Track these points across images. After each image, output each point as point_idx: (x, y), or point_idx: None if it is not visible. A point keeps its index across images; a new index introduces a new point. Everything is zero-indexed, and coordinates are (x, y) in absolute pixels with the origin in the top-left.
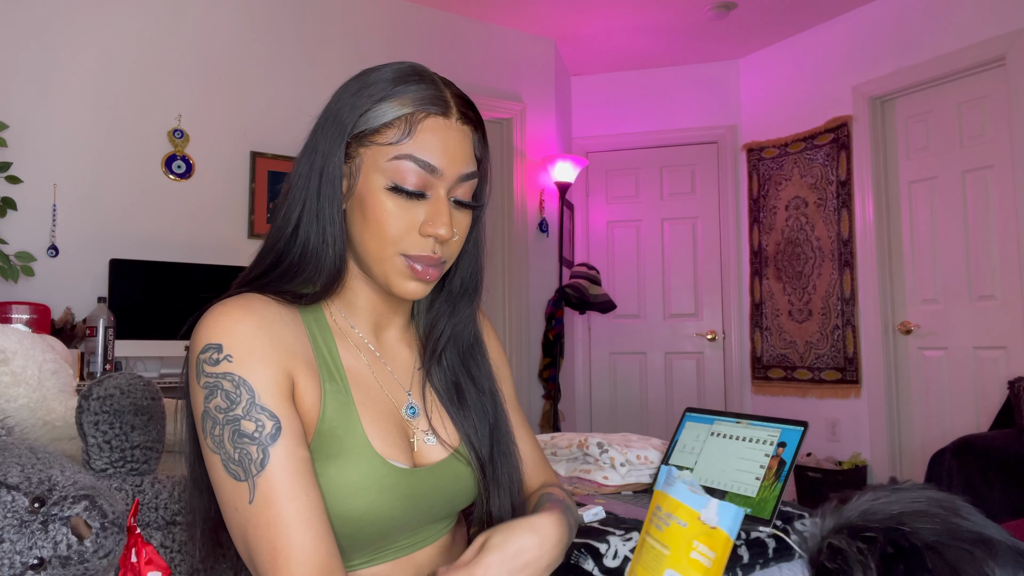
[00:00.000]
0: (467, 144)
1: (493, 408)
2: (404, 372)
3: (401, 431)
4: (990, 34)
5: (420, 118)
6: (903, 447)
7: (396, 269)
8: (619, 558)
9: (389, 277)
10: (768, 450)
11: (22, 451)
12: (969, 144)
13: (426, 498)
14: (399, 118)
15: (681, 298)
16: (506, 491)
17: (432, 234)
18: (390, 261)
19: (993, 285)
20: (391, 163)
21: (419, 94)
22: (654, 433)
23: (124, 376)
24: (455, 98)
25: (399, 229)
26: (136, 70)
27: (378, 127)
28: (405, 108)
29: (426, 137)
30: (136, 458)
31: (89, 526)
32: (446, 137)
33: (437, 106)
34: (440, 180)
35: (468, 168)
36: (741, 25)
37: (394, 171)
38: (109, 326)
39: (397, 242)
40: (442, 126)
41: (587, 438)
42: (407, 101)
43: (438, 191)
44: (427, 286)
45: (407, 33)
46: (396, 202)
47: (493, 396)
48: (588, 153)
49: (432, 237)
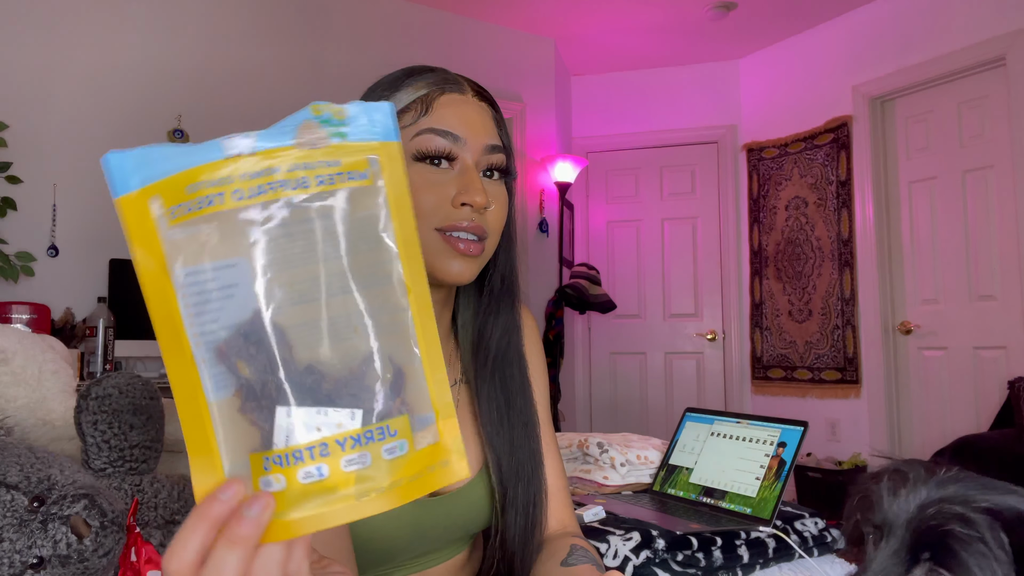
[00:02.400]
0: (487, 118)
1: (528, 430)
2: None
3: None
4: (990, 34)
5: (435, 95)
6: (903, 447)
7: (437, 249)
8: (619, 558)
9: (432, 262)
10: (768, 450)
11: (21, 451)
12: (969, 144)
13: (436, 526)
14: (414, 101)
15: (681, 298)
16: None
17: (468, 202)
18: (427, 240)
19: (993, 285)
20: (412, 141)
21: (432, 78)
22: (654, 433)
23: (122, 376)
24: (468, 80)
25: (431, 202)
26: (136, 70)
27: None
28: (420, 91)
29: (444, 111)
30: (135, 457)
31: (88, 525)
32: (464, 110)
33: (451, 84)
34: (464, 150)
35: (492, 140)
36: (741, 25)
37: (417, 144)
38: (109, 326)
39: (430, 217)
40: (458, 100)
41: (587, 438)
42: (420, 86)
43: (465, 161)
44: (471, 263)
45: (407, 33)
46: (423, 174)
47: (530, 416)
48: (588, 153)
49: (468, 206)
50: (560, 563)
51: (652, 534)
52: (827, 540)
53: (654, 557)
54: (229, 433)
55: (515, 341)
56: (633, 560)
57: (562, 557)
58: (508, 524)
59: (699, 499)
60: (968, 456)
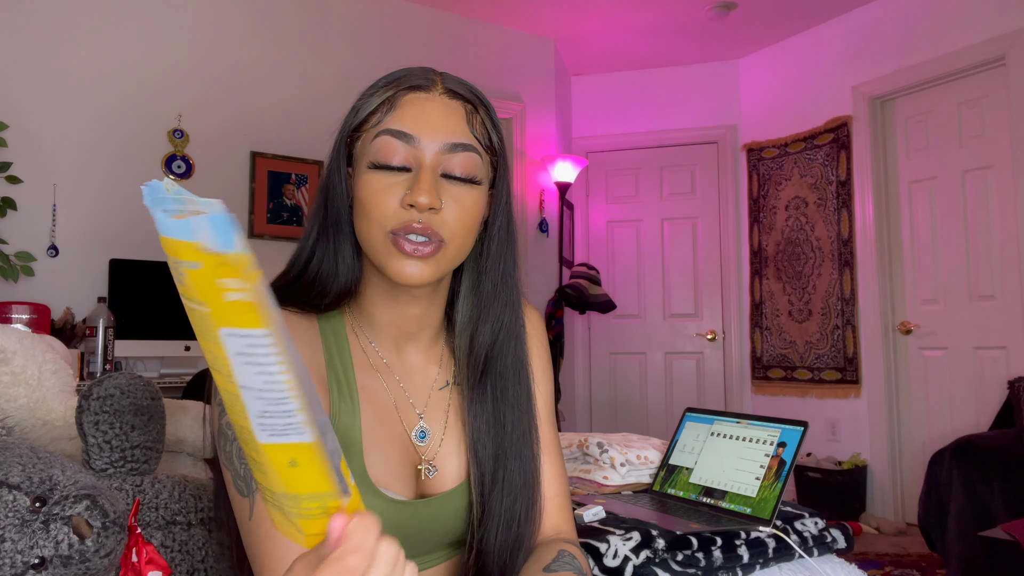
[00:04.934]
0: (452, 115)
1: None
2: (420, 392)
3: (407, 458)
4: (990, 34)
5: (400, 95)
6: (903, 447)
7: (387, 250)
8: (619, 558)
9: (383, 262)
10: (768, 450)
11: (23, 451)
12: (969, 144)
13: (424, 529)
14: (383, 102)
15: (681, 298)
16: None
17: (412, 202)
18: (381, 244)
19: (993, 285)
20: (372, 143)
21: (405, 77)
22: (654, 433)
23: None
24: (447, 79)
25: (383, 207)
26: (136, 70)
27: (365, 116)
28: (387, 92)
29: (404, 110)
30: (136, 458)
31: (90, 525)
32: (424, 108)
33: (419, 82)
34: (419, 150)
35: (454, 139)
36: (741, 25)
37: (375, 149)
38: (109, 326)
39: (382, 220)
40: (422, 98)
41: (587, 438)
42: (392, 86)
43: (421, 161)
44: (423, 266)
45: (407, 33)
46: (378, 179)
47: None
48: (588, 153)
49: (414, 207)
50: (543, 568)
51: (652, 534)
52: (827, 540)
53: (654, 557)
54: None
55: (511, 349)
56: (633, 560)
57: (546, 562)
58: (488, 537)
59: (699, 499)
60: (968, 456)
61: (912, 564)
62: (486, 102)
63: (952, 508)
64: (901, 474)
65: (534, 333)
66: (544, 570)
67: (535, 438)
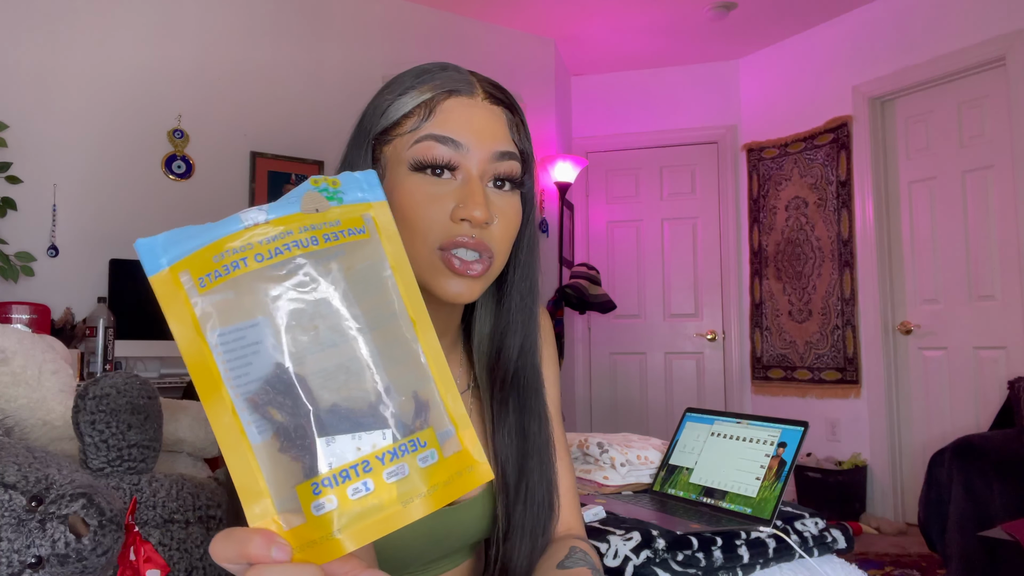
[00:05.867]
0: (498, 123)
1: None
2: None
3: None
4: (990, 34)
5: (440, 99)
6: (903, 447)
7: (434, 269)
8: (619, 558)
9: (428, 278)
10: (768, 450)
11: (19, 450)
12: (969, 144)
13: (449, 535)
14: (419, 105)
15: (681, 298)
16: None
17: (466, 217)
18: (427, 259)
19: (993, 285)
20: (412, 148)
21: (441, 79)
22: (654, 433)
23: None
24: (482, 81)
25: (429, 217)
26: (136, 70)
27: (398, 119)
28: (425, 95)
29: (447, 116)
30: (133, 457)
31: (87, 524)
32: (470, 114)
33: (459, 86)
34: (467, 158)
35: (501, 147)
36: (741, 25)
37: (416, 153)
38: (109, 326)
39: (428, 233)
40: (465, 104)
41: (587, 438)
42: (427, 88)
43: (468, 171)
44: (473, 284)
45: (407, 33)
46: (421, 186)
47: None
48: (588, 153)
49: (467, 221)
50: (556, 565)
51: (652, 534)
52: (827, 540)
53: (654, 557)
54: (273, 472)
55: (532, 360)
56: (633, 560)
57: (559, 559)
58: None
59: (699, 499)
60: (968, 456)
61: (912, 564)
62: (519, 107)
63: (952, 508)
64: (901, 474)
65: (544, 334)
66: (558, 567)
67: (554, 445)
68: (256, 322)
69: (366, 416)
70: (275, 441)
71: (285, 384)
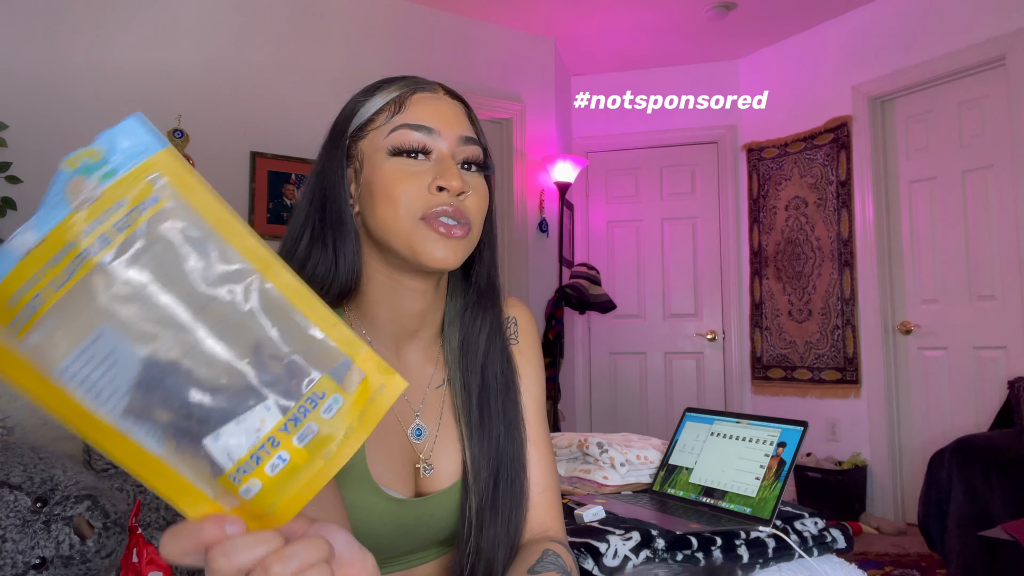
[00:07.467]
0: (460, 113)
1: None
2: (417, 390)
3: (406, 456)
4: (990, 34)
5: (407, 95)
6: (903, 447)
7: (419, 236)
8: (619, 558)
9: (415, 248)
10: (768, 450)
11: (24, 451)
12: (969, 144)
13: (422, 526)
14: (389, 102)
15: (681, 298)
16: (502, 532)
17: (445, 186)
18: (413, 230)
19: (993, 285)
20: (388, 137)
21: (405, 81)
22: (654, 433)
23: None
24: (439, 82)
25: (410, 192)
26: (136, 70)
27: (370, 117)
28: (393, 93)
29: (416, 108)
30: None
31: (91, 526)
32: (436, 105)
33: (422, 85)
34: (438, 142)
35: (466, 132)
36: (741, 25)
37: (393, 140)
38: None
39: (410, 204)
40: (430, 98)
41: (587, 438)
42: (394, 88)
43: (441, 151)
44: (455, 247)
45: (407, 33)
46: (400, 166)
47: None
48: (588, 153)
49: (445, 191)
50: (528, 570)
51: (652, 534)
52: (827, 540)
53: (654, 557)
54: (190, 469)
55: (499, 340)
56: (633, 560)
57: (531, 563)
58: (484, 529)
59: (699, 499)
60: (968, 456)
61: (912, 564)
62: (471, 109)
63: (952, 508)
64: (901, 474)
65: (526, 328)
66: (529, 572)
67: (522, 425)
68: (100, 332)
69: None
70: (171, 442)
71: (153, 381)
